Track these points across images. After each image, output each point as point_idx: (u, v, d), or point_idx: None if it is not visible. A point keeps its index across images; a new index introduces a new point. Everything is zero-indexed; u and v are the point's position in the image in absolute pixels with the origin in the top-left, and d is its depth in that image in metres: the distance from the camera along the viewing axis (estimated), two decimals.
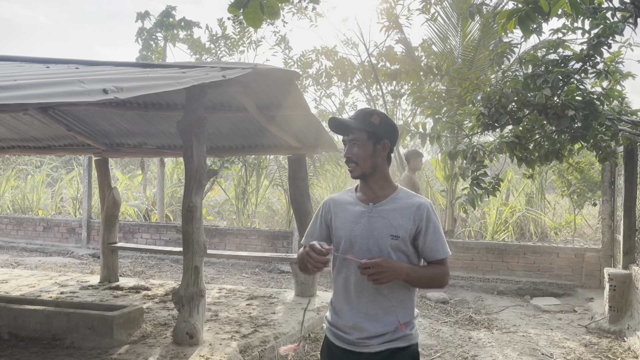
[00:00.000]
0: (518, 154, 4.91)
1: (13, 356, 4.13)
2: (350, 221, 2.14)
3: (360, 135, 2.13)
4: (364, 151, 2.12)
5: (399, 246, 2.06)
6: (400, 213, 2.09)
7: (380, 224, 2.08)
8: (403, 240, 2.06)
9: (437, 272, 2.10)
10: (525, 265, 7.69)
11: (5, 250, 11.14)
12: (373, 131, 2.13)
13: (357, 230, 2.11)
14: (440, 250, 2.09)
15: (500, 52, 4.68)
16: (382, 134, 2.15)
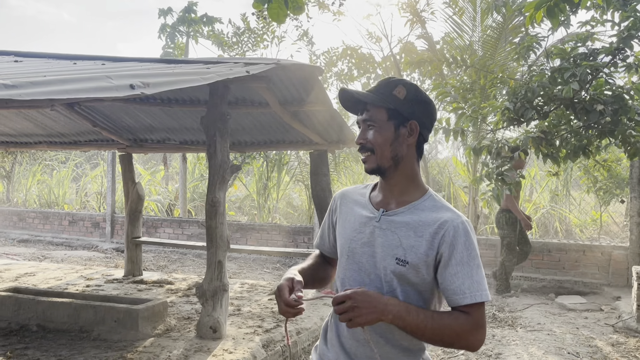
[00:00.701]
0: (544, 150, 4.84)
1: (42, 347, 4.21)
2: (352, 229, 1.61)
3: (377, 113, 1.56)
4: (382, 136, 1.55)
5: (406, 276, 1.48)
6: (416, 230, 1.50)
7: (387, 241, 1.52)
8: (414, 269, 1.48)
9: (457, 323, 1.42)
10: (550, 262, 7.58)
11: (32, 243, 11.37)
12: (395, 108, 1.54)
13: (356, 242, 1.58)
14: (467, 292, 1.42)
15: (526, 45, 4.60)
16: (408, 113, 1.55)
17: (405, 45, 9.34)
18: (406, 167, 1.58)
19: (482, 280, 1.44)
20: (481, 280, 1.44)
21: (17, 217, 12.26)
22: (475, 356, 4.52)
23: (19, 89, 2.08)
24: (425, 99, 1.59)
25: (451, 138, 5.26)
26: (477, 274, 1.45)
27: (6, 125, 7.16)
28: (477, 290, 1.43)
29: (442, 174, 11.41)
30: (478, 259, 1.48)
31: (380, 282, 1.51)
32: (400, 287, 1.49)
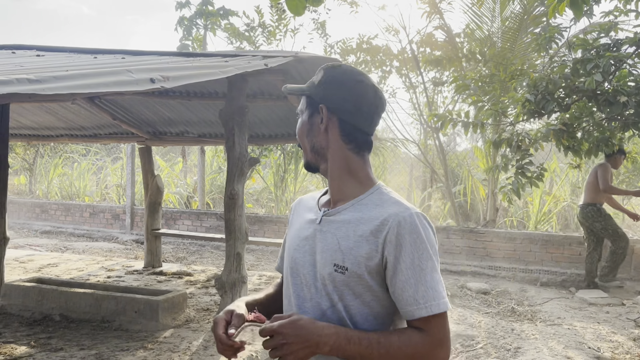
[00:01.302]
0: (565, 142, 4.77)
1: (65, 337, 4.29)
2: (296, 236, 1.39)
3: (300, 103, 1.42)
4: (301, 127, 1.39)
5: (347, 286, 1.23)
6: (356, 229, 1.25)
7: (326, 245, 1.29)
8: (356, 277, 1.22)
9: (411, 345, 1.17)
10: (570, 256, 7.49)
11: (54, 235, 11.57)
12: (310, 94, 1.36)
13: (299, 251, 1.35)
14: (420, 302, 1.17)
15: (548, 36, 4.53)
16: (320, 97, 1.33)
17: (423, 37, 9.25)
18: (336, 159, 1.34)
19: (438, 286, 1.18)
20: (436, 286, 1.18)
21: (40, 209, 12.48)
22: (494, 350, 4.50)
23: (43, 83, 2.11)
24: (340, 79, 1.33)
25: (469, 131, 5.22)
26: (431, 279, 1.18)
27: (29, 118, 7.27)
28: (432, 299, 1.17)
29: (460, 166, 11.32)
30: (433, 261, 1.20)
31: (320, 297, 1.27)
32: (341, 301, 1.24)
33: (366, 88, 1.33)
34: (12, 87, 1.95)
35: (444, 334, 1.19)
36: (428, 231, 1.24)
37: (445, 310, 1.20)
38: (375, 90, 1.35)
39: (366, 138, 1.35)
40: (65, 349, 4.04)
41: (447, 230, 8.33)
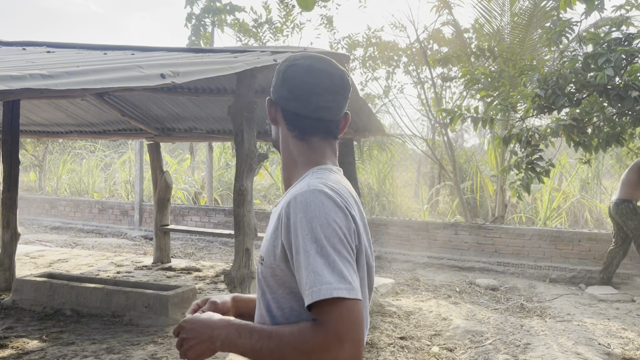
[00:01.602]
0: (575, 138, 4.74)
1: (76, 331, 4.33)
2: None
3: None
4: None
5: (270, 275, 1.17)
6: (273, 217, 1.23)
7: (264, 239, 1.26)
8: (270, 268, 1.16)
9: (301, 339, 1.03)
10: (580, 252, 7.45)
11: (64, 230, 11.65)
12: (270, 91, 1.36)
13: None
14: (307, 289, 1.03)
15: (559, 30, 4.50)
16: (272, 93, 1.34)
17: (432, 32, 9.21)
18: (284, 150, 1.32)
19: (322, 269, 1.01)
20: (320, 270, 1.01)
21: (49, 205, 12.57)
22: (504, 346, 4.49)
23: (55, 78, 2.12)
24: (277, 69, 1.31)
25: (478, 126, 5.20)
26: (314, 262, 1.02)
27: (39, 115, 7.32)
28: (314, 284, 1.01)
29: (469, 162, 11.27)
30: (321, 240, 1.04)
31: (259, 289, 1.23)
32: (269, 292, 1.18)
33: (296, 70, 1.25)
34: (26, 83, 1.97)
35: (342, 326, 0.99)
36: (320, 207, 1.08)
37: (336, 297, 0.99)
38: (309, 69, 1.24)
39: (311, 122, 1.26)
40: (77, 343, 4.07)
41: (455, 227, 8.31)
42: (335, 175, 1.24)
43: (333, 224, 1.07)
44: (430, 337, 4.74)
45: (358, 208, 1.23)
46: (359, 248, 1.15)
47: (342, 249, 1.06)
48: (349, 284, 1.02)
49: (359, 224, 1.17)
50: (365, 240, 1.20)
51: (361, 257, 1.16)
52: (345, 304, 1.00)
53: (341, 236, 1.07)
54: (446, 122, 8.89)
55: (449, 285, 6.92)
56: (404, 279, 7.18)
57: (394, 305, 5.61)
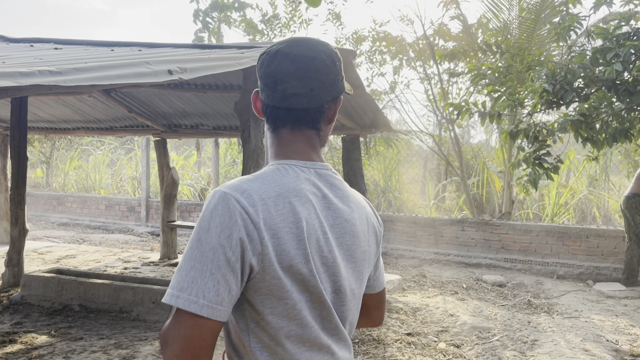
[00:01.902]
0: (583, 133, 4.70)
1: (84, 326, 4.35)
2: None
3: None
4: None
5: None
6: None
7: None
8: None
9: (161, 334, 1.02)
10: (587, 249, 7.42)
11: (71, 227, 11.72)
12: None
13: None
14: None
15: (567, 25, 4.46)
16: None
17: (438, 27, 9.16)
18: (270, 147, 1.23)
19: (179, 274, 0.97)
20: (177, 273, 0.98)
21: (57, 201, 12.64)
22: (511, 342, 4.48)
23: (64, 75, 2.12)
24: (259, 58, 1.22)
25: (485, 122, 5.17)
26: (180, 266, 0.99)
27: (46, 111, 7.35)
28: (170, 287, 0.98)
29: (475, 158, 11.24)
30: (193, 246, 0.99)
31: None
32: None
33: (264, 57, 1.17)
34: (34, 79, 1.97)
35: (170, 331, 0.96)
36: (211, 212, 1.01)
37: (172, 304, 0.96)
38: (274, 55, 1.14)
39: (280, 112, 1.16)
40: (85, 338, 4.09)
41: (462, 223, 8.29)
42: (281, 175, 1.09)
43: (210, 229, 0.99)
44: (437, 333, 4.74)
45: (315, 212, 1.07)
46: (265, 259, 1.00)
47: (209, 258, 0.97)
48: (192, 295, 0.95)
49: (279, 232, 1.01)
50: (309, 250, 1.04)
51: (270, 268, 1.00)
52: (180, 314, 0.95)
53: (211, 243, 0.97)
54: (453, 117, 8.86)
55: (456, 281, 6.91)
56: (411, 276, 7.18)
57: (400, 302, 5.61)
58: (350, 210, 1.16)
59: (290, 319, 1.04)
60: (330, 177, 1.16)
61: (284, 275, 1.01)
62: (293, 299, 1.03)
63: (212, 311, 0.95)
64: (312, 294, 1.06)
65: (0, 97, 2.31)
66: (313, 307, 1.07)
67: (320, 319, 1.09)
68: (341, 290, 1.12)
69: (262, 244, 0.99)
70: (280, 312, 1.03)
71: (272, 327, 1.04)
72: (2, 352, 3.79)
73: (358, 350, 4.27)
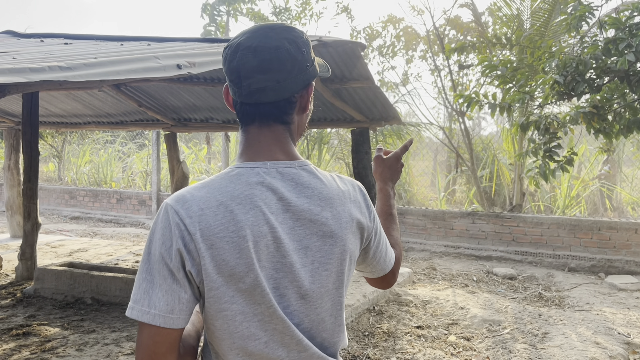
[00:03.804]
0: (596, 125, 4.65)
1: (96, 319, 4.40)
2: None
3: None
4: None
5: None
6: None
7: None
8: None
9: None
10: (599, 241, 7.36)
11: (83, 220, 11.82)
12: None
13: None
14: None
15: (579, 15, 4.40)
16: None
17: (449, 18, 9.08)
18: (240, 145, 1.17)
19: (134, 286, 1.00)
20: (134, 287, 1.01)
21: (69, 195, 12.75)
22: (521, 335, 4.47)
23: (73, 70, 2.13)
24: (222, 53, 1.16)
25: (495, 113, 5.13)
26: (136, 278, 1.02)
27: (57, 106, 7.40)
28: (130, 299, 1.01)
29: (486, 150, 11.16)
30: (144, 254, 1.02)
31: None
32: None
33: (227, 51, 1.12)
34: (45, 75, 1.98)
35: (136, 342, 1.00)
36: (156, 222, 1.02)
37: (135, 318, 0.98)
38: (236, 49, 1.09)
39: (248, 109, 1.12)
40: (98, 330, 4.14)
41: (472, 215, 8.26)
42: (229, 181, 1.05)
43: (154, 241, 1.00)
44: (447, 326, 4.73)
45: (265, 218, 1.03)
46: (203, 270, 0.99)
47: (155, 269, 0.98)
48: (144, 306, 0.97)
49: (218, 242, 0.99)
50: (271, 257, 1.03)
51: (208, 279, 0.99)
52: (139, 324, 0.99)
53: (156, 255, 0.99)
54: (463, 109, 8.80)
55: (466, 274, 6.89)
56: (421, 268, 7.17)
57: (410, 295, 5.61)
58: (320, 209, 1.09)
59: (231, 331, 1.03)
60: (297, 175, 1.10)
61: (223, 285, 0.99)
62: (232, 310, 1.01)
63: (164, 320, 0.96)
64: (260, 306, 1.02)
65: (12, 92, 2.33)
66: (264, 320, 1.03)
67: (276, 332, 1.05)
68: (308, 294, 1.07)
69: (200, 254, 0.98)
70: (221, 324, 1.02)
71: (216, 337, 1.04)
72: (16, 344, 3.84)
73: (368, 343, 4.28)
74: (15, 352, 3.68)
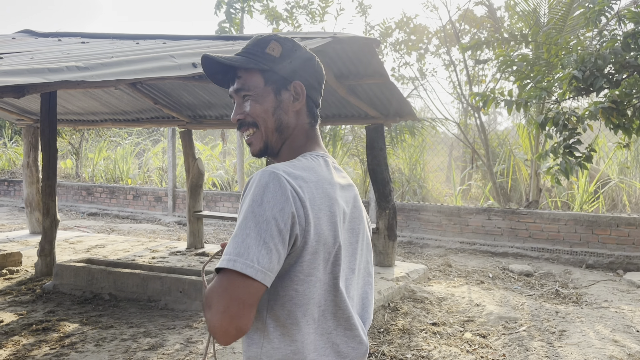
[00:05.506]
0: (615, 120, 4.58)
1: (114, 315, 4.46)
2: None
3: (251, 79, 1.26)
4: (262, 105, 1.25)
5: None
6: None
7: None
8: None
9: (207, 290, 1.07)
10: (618, 238, 7.26)
11: (100, 217, 11.96)
12: (271, 69, 1.25)
13: None
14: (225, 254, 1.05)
15: (597, 9, 4.34)
16: (288, 73, 1.26)
17: (464, 13, 9.00)
18: (299, 137, 1.28)
19: (234, 241, 1.03)
20: (232, 241, 1.04)
21: (86, 192, 12.91)
22: (538, 333, 4.43)
23: (91, 70, 2.16)
24: (307, 55, 1.29)
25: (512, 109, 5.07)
26: (234, 234, 1.05)
27: (74, 104, 7.49)
28: (225, 252, 1.04)
29: (502, 145, 11.06)
30: (248, 217, 1.05)
31: None
32: None
33: (319, 64, 1.34)
34: (63, 75, 2.01)
35: (215, 296, 1.01)
36: (262, 188, 1.07)
37: (227, 268, 1.01)
38: (315, 59, 1.32)
39: (314, 109, 1.33)
40: (115, 326, 4.19)
41: (488, 212, 8.20)
42: (315, 164, 1.21)
43: (264, 203, 1.05)
44: (462, 323, 4.71)
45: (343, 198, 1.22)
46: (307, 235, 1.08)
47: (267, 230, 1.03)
48: (248, 260, 1.01)
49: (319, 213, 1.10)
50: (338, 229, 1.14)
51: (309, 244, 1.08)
52: (230, 276, 1.01)
53: (266, 216, 1.04)
54: (479, 105, 8.72)
55: (482, 270, 6.85)
56: (436, 265, 7.14)
57: (425, 291, 5.59)
58: (356, 194, 1.30)
59: (310, 297, 1.11)
60: (335, 164, 1.30)
61: (317, 252, 1.10)
62: (316, 277, 1.11)
63: (263, 276, 1.02)
64: (330, 275, 1.14)
65: (30, 92, 2.36)
66: (328, 290, 1.15)
67: (333, 304, 1.16)
68: (354, 271, 1.23)
69: (307, 221, 1.08)
70: (304, 289, 1.10)
71: (295, 303, 1.11)
72: (36, 339, 3.91)
73: (383, 339, 4.28)
74: (35, 348, 3.75)
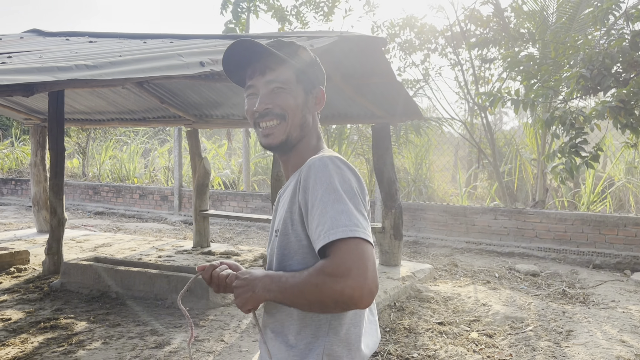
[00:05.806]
0: (622, 120, 4.56)
1: (121, 313, 4.48)
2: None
3: (285, 73, 1.32)
4: (295, 100, 1.33)
5: (283, 246, 1.25)
6: (288, 192, 1.29)
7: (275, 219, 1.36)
8: (284, 236, 1.24)
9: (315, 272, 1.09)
10: (625, 238, 7.23)
11: (106, 216, 12.01)
12: (303, 70, 1.36)
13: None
14: (322, 234, 1.10)
15: (605, 8, 4.32)
16: (314, 78, 1.39)
17: (470, 12, 8.98)
18: (311, 139, 1.38)
19: (340, 216, 1.09)
20: (338, 216, 1.09)
21: (93, 191, 12.97)
22: (545, 333, 4.42)
23: (99, 69, 2.17)
24: (316, 62, 1.41)
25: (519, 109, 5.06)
26: (332, 209, 1.10)
27: (81, 103, 7.52)
28: (332, 227, 1.08)
29: (508, 145, 11.03)
30: (338, 192, 1.12)
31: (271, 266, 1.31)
32: (282, 260, 1.25)
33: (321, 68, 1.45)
34: (72, 73, 2.02)
35: (350, 258, 1.06)
36: (337, 169, 1.18)
37: (348, 237, 1.07)
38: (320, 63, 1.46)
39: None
40: (123, 324, 4.21)
41: (494, 211, 8.17)
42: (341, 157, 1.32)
43: (348, 182, 1.18)
44: (469, 322, 4.71)
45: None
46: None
47: (358, 202, 1.16)
48: (363, 228, 1.11)
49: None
50: None
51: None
52: (356, 241, 1.09)
53: (354, 190, 1.18)
54: (485, 104, 8.70)
55: (488, 270, 6.83)
56: (442, 265, 7.13)
57: (432, 291, 5.58)
58: None
59: None
60: None
61: None
62: None
63: (372, 242, 1.12)
64: None
65: (39, 91, 2.37)
66: None
67: None
68: None
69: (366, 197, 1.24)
70: None
71: None
72: (44, 337, 3.93)
73: (389, 339, 4.28)
74: (43, 345, 3.77)
